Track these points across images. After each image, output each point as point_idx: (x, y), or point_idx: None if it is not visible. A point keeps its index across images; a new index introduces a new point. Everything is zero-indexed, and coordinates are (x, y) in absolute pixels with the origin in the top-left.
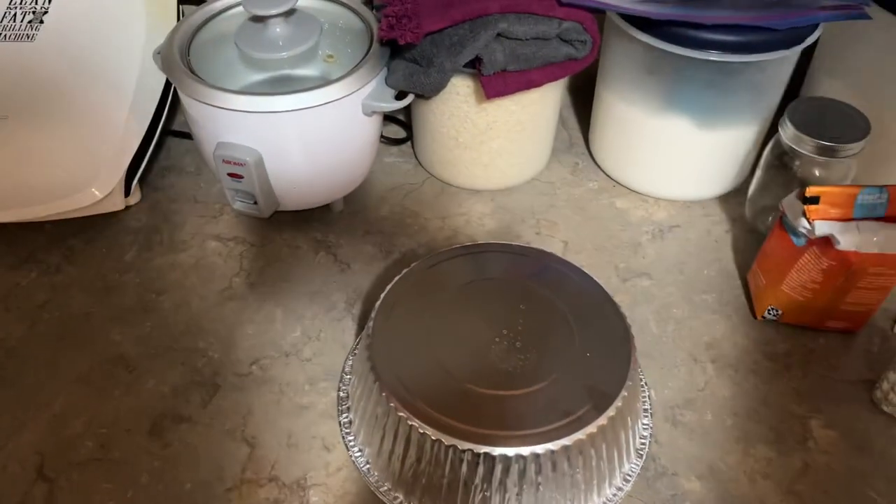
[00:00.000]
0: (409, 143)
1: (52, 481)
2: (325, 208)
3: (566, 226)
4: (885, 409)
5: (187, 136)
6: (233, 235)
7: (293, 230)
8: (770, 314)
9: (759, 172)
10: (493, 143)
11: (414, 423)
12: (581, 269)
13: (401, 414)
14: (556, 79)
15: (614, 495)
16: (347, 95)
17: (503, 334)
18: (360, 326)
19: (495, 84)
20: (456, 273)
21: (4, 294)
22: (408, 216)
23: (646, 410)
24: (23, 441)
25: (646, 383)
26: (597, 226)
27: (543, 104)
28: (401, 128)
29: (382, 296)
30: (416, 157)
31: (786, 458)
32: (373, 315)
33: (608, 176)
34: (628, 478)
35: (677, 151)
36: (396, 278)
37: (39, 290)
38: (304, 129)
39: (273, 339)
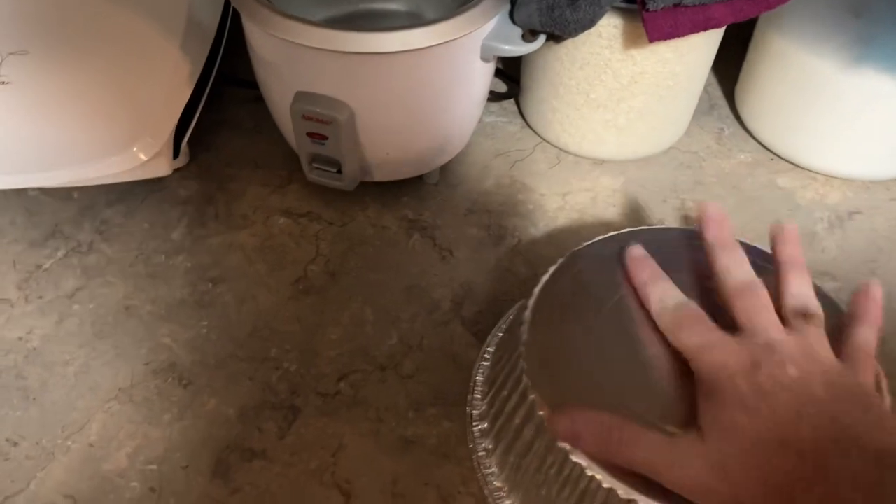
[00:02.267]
0: (512, 98)
1: None
2: (417, 180)
3: None
4: None
5: (247, 84)
6: (305, 210)
7: (379, 206)
8: None
9: None
10: (635, 101)
11: (597, 476)
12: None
13: (577, 461)
14: (744, 17)
15: None
16: (467, 34)
17: None
18: (473, 333)
19: (662, 24)
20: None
21: (24, 278)
22: (519, 191)
23: None
24: (50, 479)
25: None
26: (758, 209)
27: (705, 50)
28: (504, 80)
29: (532, 302)
30: (522, 116)
31: None
32: (524, 328)
33: (763, 146)
34: None
35: (867, 118)
36: (548, 275)
37: (68, 274)
38: (410, 76)
39: (364, 346)
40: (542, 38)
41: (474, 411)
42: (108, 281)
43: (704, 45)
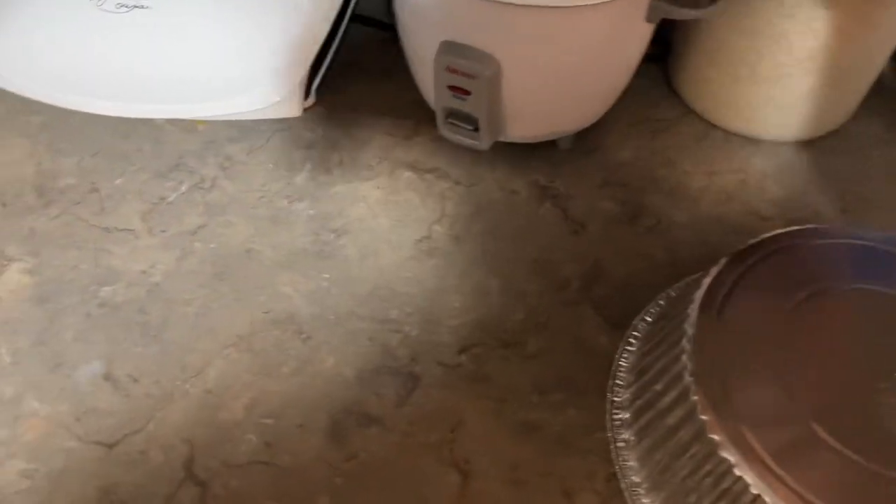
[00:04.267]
0: (661, 61)
1: (204, 485)
2: (549, 144)
3: (887, 205)
4: None
5: (382, 24)
6: (432, 166)
7: (508, 169)
8: None
9: None
10: (807, 79)
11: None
12: None
13: (742, 475)
14: None
15: None
16: None
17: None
18: (604, 318)
19: None
20: (808, 270)
21: (148, 209)
22: (659, 165)
23: None
24: (168, 420)
25: None
26: None
27: (892, 30)
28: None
29: (700, 295)
30: (668, 81)
31: None
32: (690, 323)
33: None
34: None
35: None
36: (718, 267)
37: (191, 210)
38: (568, 33)
39: (487, 320)
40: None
41: (615, 398)
42: (230, 221)
43: (892, 25)
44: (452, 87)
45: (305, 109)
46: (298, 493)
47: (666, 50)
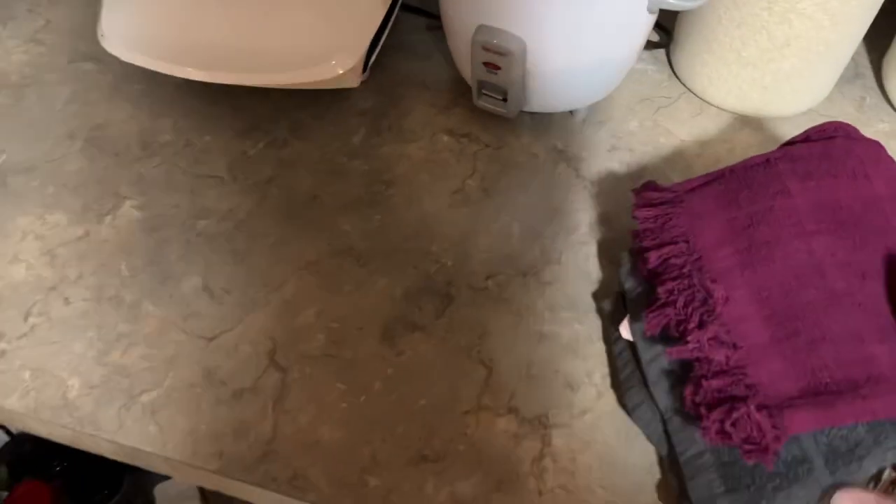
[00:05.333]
0: (663, 48)
1: (284, 371)
2: (567, 115)
3: None
4: None
5: (425, 13)
6: (466, 132)
7: (531, 135)
8: None
9: None
10: (785, 63)
11: None
12: None
13: None
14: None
15: None
16: None
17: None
18: (606, 256)
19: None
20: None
21: (233, 161)
22: (661, 135)
23: None
24: (255, 322)
25: None
26: None
27: (860, 20)
28: (656, 30)
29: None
30: (671, 66)
31: None
32: None
33: None
34: None
35: None
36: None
37: (266, 162)
38: (580, 19)
39: (509, 254)
40: None
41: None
42: (298, 173)
43: (860, 16)
44: (487, 63)
45: (362, 83)
46: (358, 378)
47: (668, 38)
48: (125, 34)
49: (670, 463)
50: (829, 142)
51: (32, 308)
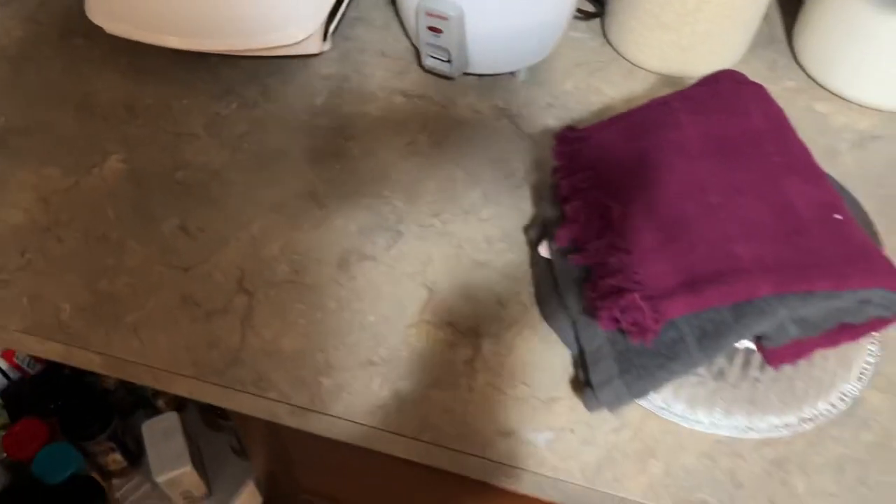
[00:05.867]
0: (598, 19)
1: (251, 294)
2: (509, 77)
3: None
4: None
5: None
6: (419, 93)
7: (477, 95)
8: None
9: None
10: (699, 26)
11: None
12: None
13: None
14: (859, 336)
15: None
16: None
17: None
18: (538, 195)
19: (785, 353)
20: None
21: (209, 121)
22: (592, 94)
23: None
24: (226, 255)
25: None
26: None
27: None
28: (591, 3)
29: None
30: (604, 34)
31: None
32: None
33: (809, 76)
34: (844, 398)
35: None
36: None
37: (239, 121)
38: None
39: (453, 196)
40: None
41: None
42: (268, 130)
43: None
44: (430, 27)
45: (322, 53)
46: (316, 299)
47: (602, 9)
48: (109, 8)
49: (579, 358)
50: (718, 84)
51: (29, 245)
